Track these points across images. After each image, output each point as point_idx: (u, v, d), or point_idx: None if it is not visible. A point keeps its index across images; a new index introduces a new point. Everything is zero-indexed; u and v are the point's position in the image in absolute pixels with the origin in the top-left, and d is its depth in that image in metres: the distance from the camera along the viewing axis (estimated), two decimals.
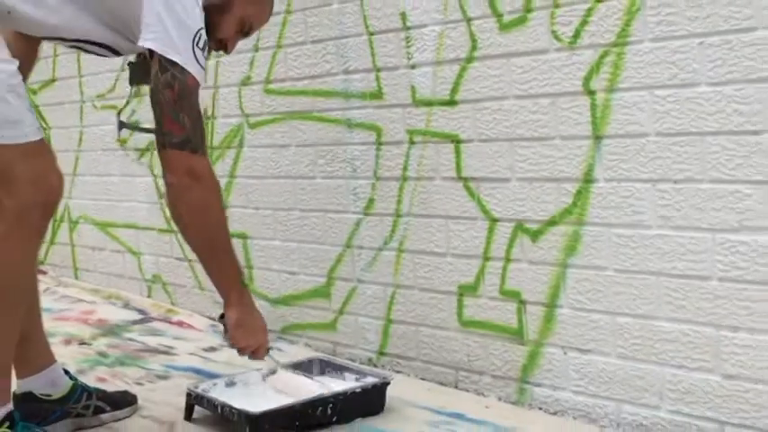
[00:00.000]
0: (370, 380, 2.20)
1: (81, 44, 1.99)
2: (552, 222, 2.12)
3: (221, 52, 2.10)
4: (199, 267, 2.29)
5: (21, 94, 1.76)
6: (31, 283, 1.97)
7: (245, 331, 2.02)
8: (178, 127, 1.84)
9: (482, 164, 2.25)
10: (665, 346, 1.94)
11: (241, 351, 2.07)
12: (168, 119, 1.84)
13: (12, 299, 1.81)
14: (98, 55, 2.08)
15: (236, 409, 2.02)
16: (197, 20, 1.85)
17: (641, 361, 1.99)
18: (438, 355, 2.42)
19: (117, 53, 2.04)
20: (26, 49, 2.02)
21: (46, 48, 3.83)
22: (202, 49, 1.85)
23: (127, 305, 3.50)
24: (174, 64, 1.81)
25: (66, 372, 2.18)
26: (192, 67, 1.82)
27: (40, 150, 1.81)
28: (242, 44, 2.70)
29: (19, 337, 1.89)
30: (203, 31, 1.86)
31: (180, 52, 1.81)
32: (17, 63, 1.79)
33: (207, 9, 1.89)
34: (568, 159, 2.07)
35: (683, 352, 1.91)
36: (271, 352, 2.13)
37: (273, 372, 2.24)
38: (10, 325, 1.83)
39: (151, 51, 1.83)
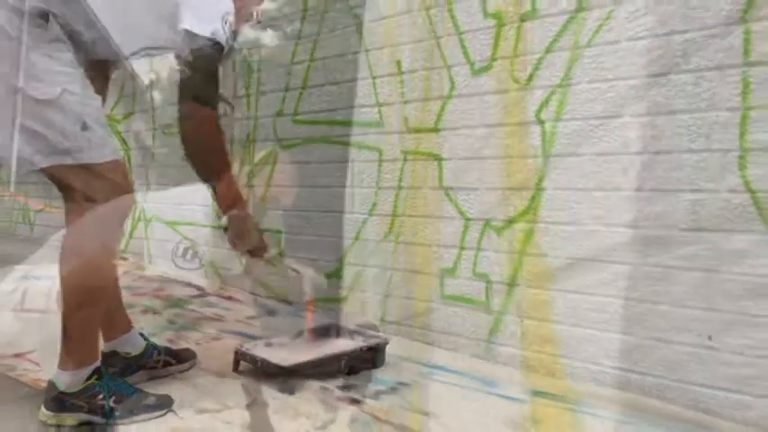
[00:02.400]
0: (373, 341, 2.19)
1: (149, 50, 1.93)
2: (512, 221, 2.11)
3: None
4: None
5: (103, 124, 1.73)
6: (112, 272, 1.94)
7: (245, 230, 1.86)
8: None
9: (459, 177, 2.24)
10: (596, 315, 1.94)
11: (239, 246, 1.88)
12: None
13: (98, 284, 1.79)
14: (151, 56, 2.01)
15: (272, 362, 2.02)
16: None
17: (577, 326, 1.98)
18: (425, 322, 2.41)
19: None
20: (99, 90, 1.98)
21: (129, 88, 3.83)
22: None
23: (188, 284, 3.49)
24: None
25: (141, 334, 2.17)
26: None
27: (117, 168, 1.78)
28: (276, 85, 2.71)
29: (105, 310, 1.88)
30: (230, 16, 1.80)
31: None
32: (100, 99, 1.77)
33: None
34: (524, 173, 2.07)
35: (610, 320, 1.91)
36: (286, 261, 1.94)
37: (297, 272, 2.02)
38: (98, 303, 1.81)
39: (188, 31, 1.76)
